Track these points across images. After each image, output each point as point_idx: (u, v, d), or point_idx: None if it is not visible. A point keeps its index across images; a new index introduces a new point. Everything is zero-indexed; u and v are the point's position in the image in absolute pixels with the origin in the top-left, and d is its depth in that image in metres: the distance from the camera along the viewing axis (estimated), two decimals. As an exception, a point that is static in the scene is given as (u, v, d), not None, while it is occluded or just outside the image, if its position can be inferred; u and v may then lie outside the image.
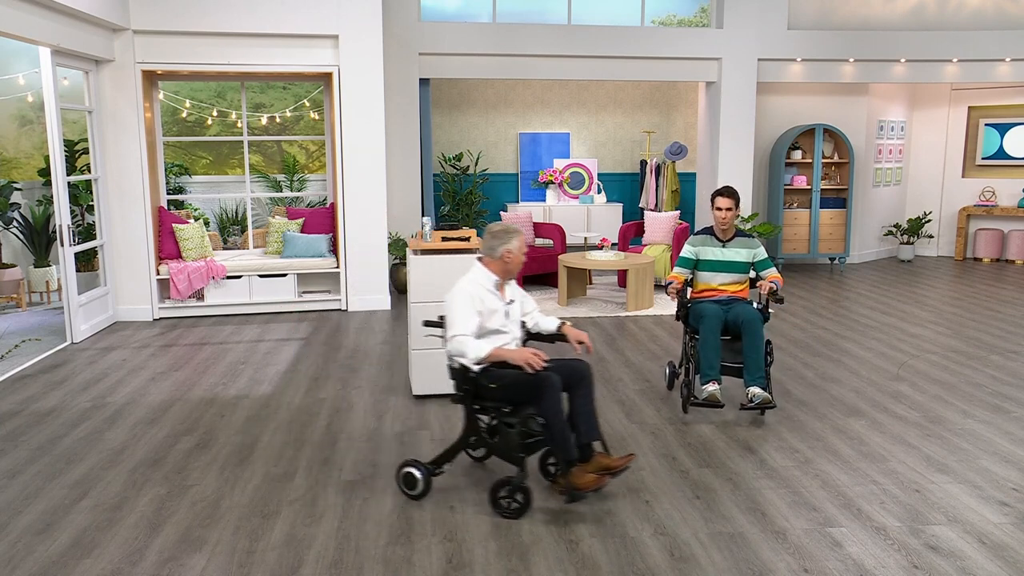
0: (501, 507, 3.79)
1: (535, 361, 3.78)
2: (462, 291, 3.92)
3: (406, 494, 3.99)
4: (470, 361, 3.84)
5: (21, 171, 10.02)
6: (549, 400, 3.75)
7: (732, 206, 5.29)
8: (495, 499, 3.81)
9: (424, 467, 3.98)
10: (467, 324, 3.87)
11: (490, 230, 4.01)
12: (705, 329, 5.09)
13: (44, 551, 3.50)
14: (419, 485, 3.96)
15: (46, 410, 5.37)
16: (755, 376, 5.00)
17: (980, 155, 11.94)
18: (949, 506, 3.91)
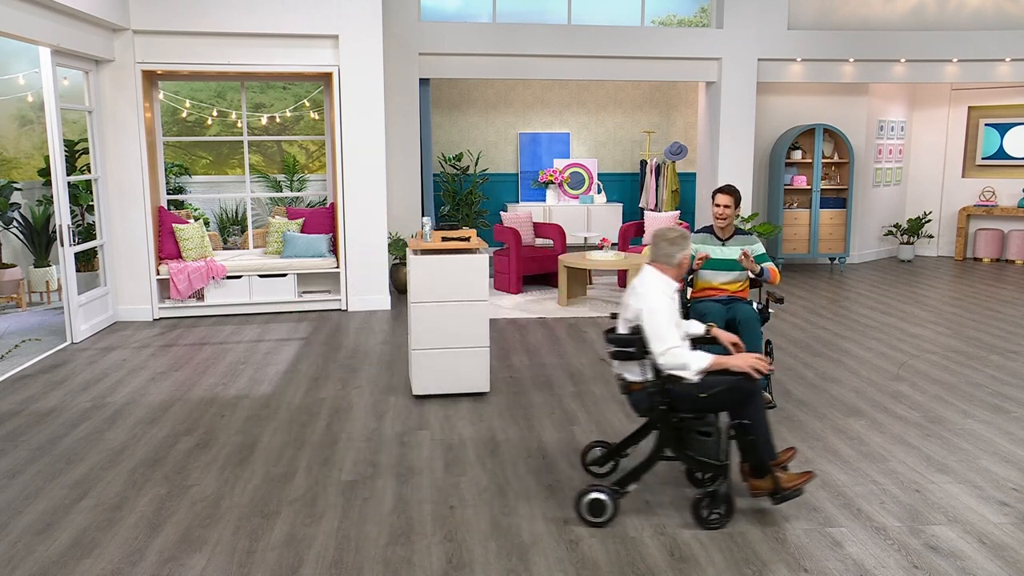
0: (706, 521, 3.68)
1: (761, 366, 3.66)
2: (662, 302, 3.70)
3: (588, 522, 3.69)
4: (692, 372, 3.62)
5: (21, 171, 10.02)
6: (757, 404, 3.70)
7: (731, 204, 5.29)
8: (699, 515, 3.69)
9: (610, 490, 3.71)
10: (676, 335, 3.69)
11: (665, 236, 3.83)
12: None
13: (44, 551, 3.50)
14: (607, 511, 3.69)
15: (46, 410, 5.37)
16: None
17: (980, 155, 11.94)
18: (949, 506, 3.91)
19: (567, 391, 5.74)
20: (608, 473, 4.21)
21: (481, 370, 5.57)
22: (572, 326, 7.77)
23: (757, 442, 3.71)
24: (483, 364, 5.57)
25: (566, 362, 6.50)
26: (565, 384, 5.91)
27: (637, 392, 3.79)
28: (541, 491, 4.08)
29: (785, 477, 3.74)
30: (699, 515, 3.70)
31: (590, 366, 6.38)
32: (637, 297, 3.74)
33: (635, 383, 3.80)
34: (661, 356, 3.63)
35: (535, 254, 9.60)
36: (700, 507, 3.69)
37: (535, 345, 7.04)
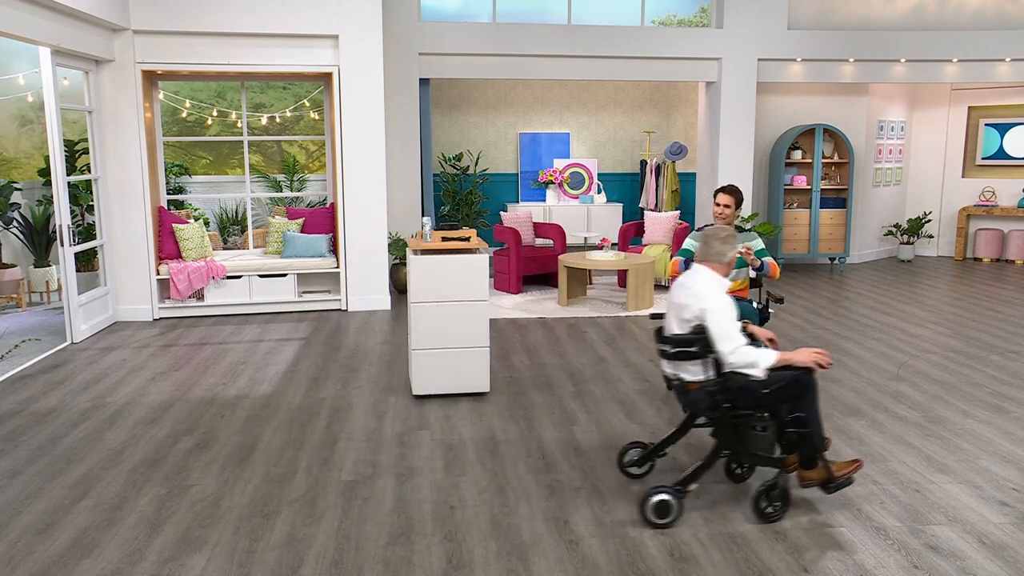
0: (767, 515, 3.74)
1: (824, 360, 3.72)
2: (724, 300, 3.72)
3: (653, 523, 3.68)
4: (761, 370, 3.65)
5: (21, 171, 10.02)
6: (813, 397, 3.77)
7: (731, 204, 5.29)
8: (759, 508, 3.74)
9: (674, 491, 3.71)
10: (740, 333, 3.71)
11: (716, 235, 3.86)
12: None
13: (44, 551, 3.50)
14: (673, 511, 3.69)
15: (46, 410, 5.37)
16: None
17: (980, 155, 11.94)
18: (949, 506, 3.91)
19: (567, 391, 5.74)
20: (645, 474, 4.22)
21: (481, 370, 5.57)
22: (572, 326, 7.77)
23: (812, 434, 3.76)
24: (483, 364, 5.57)
25: (566, 362, 6.50)
26: (565, 384, 5.91)
27: (695, 391, 3.78)
28: (541, 491, 4.08)
29: (836, 466, 3.81)
30: (759, 509, 3.75)
31: (590, 366, 6.38)
32: (698, 297, 3.73)
33: (693, 383, 3.79)
34: (731, 355, 3.64)
35: (535, 254, 9.60)
36: (760, 501, 3.74)
37: (535, 345, 7.04)
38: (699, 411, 3.86)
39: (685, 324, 3.77)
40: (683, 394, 3.87)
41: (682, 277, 3.93)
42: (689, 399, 3.85)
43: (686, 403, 3.91)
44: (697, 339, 3.70)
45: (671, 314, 3.91)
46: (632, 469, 4.22)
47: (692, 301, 3.74)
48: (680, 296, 3.83)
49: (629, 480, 4.20)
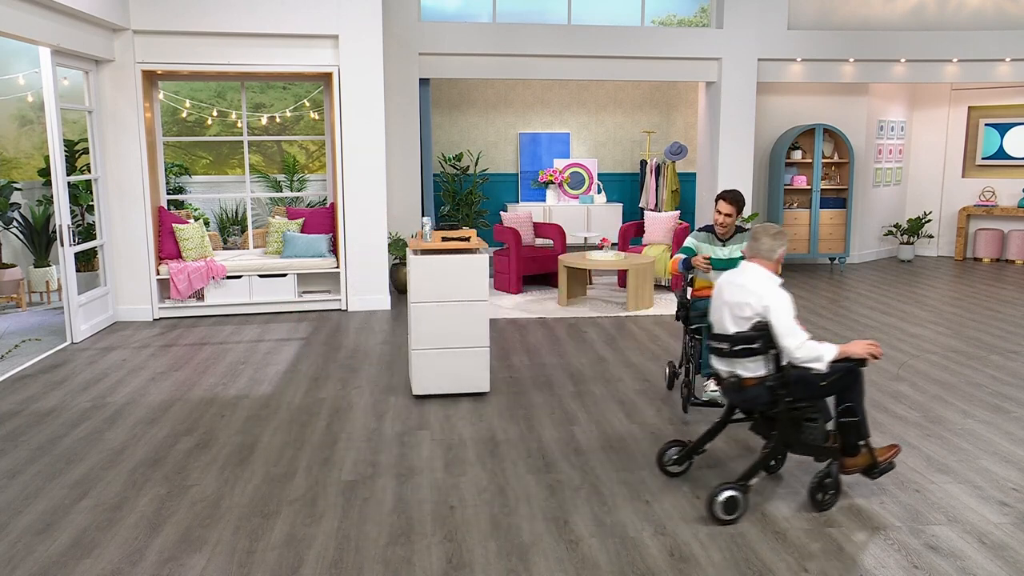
0: (823, 504, 3.85)
1: (877, 351, 3.81)
2: (785, 296, 3.78)
3: (721, 520, 3.71)
4: (825, 363, 3.71)
5: (21, 171, 10.02)
6: (861, 387, 3.87)
7: (732, 213, 5.29)
8: (815, 498, 3.84)
9: (739, 487, 3.75)
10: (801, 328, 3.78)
11: (766, 231, 3.91)
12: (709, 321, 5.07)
13: (44, 551, 3.50)
14: (740, 507, 3.74)
15: (46, 410, 5.37)
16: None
17: (980, 155, 11.94)
18: (949, 506, 3.91)
19: (567, 391, 5.74)
20: (684, 472, 4.24)
21: (481, 370, 5.57)
22: (572, 326, 7.77)
23: (860, 422, 3.86)
24: (483, 364, 5.57)
25: (566, 362, 6.50)
26: (565, 384, 5.91)
27: (753, 387, 3.83)
28: (541, 491, 4.08)
29: (878, 451, 3.92)
30: (815, 500, 3.85)
31: (590, 366, 6.38)
32: (758, 295, 3.78)
33: (751, 379, 3.83)
34: (798, 350, 3.70)
35: (535, 254, 9.60)
36: (816, 493, 3.85)
37: (535, 345, 7.04)
38: (757, 406, 3.90)
39: (744, 322, 3.81)
40: (738, 391, 3.90)
41: (732, 275, 3.97)
42: (746, 395, 3.89)
43: (741, 399, 3.94)
44: (759, 336, 3.74)
45: (724, 312, 3.93)
46: (672, 468, 4.25)
47: (751, 299, 3.78)
48: (736, 294, 3.86)
49: (625, 479, 4.20)
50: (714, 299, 4.04)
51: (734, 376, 3.89)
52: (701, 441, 4.19)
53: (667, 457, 4.25)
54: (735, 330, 3.84)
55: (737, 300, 3.84)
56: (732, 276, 3.96)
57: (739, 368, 3.86)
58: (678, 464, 4.24)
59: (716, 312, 4.00)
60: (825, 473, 3.85)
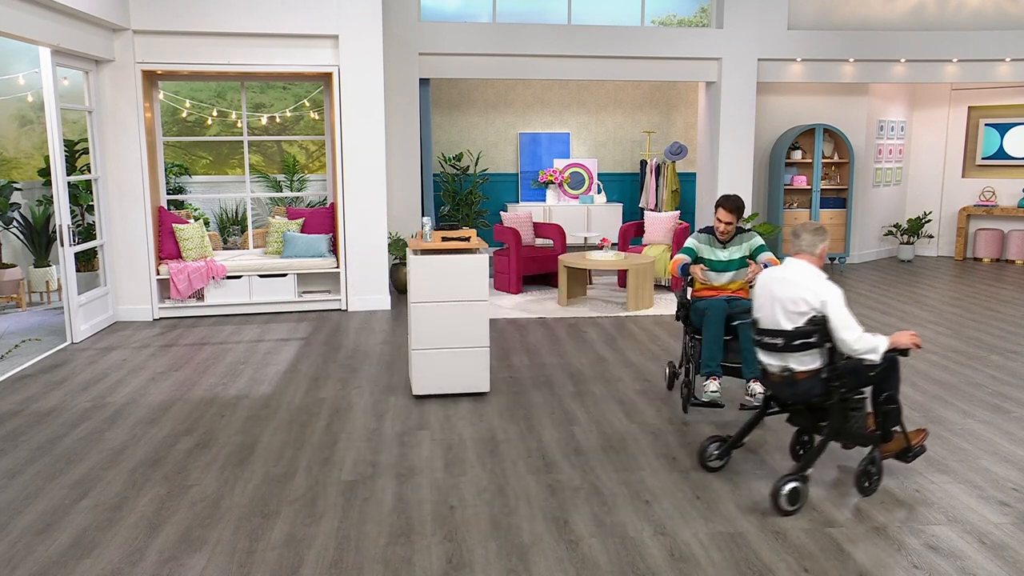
0: (868, 489, 4.01)
1: (919, 341, 4.00)
2: (838, 289, 3.91)
3: (784, 511, 3.79)
4: (879, 354, 3.86)
5: (21, 171, 10.02)
6: (899, 375, 4.07)
7: (733, 220, 5.29)
8: (861, 485, 4.00)
9: (801, 478, 3.85)
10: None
11: (806, 228, 4.01)
12: (709, 320, 5.06)
13: (44, 551, 3.50)
14: (803, 497, 3.84)
15: (46, 410, 5.37)
16: (754, 369, 4.96)
17: (980, 155, 11.94)
18: (949, 506, 3.91)
19: (567, 391, 5.74)
20: (723, 466, 4.31)
21: (481, 370, 5.57)
22: (572, 326, 7.77)
23: (899, 409, 4.05)
24: (483, 364, 5.57)
25: (566, 362, 6.50)
26: (565, 384, 5.91)
27: (805, 380, 3.92)
28: (541, 491, 4.08)
29: (910, 435, 4.11)
30: (862, 485, 4.00)
31: (590, 366, 6.38)
32: (812, 290, 3.86)
33: (804, 372, 3.92)
34: (856, 342, 3.83)
35: (535, 254, 9.60)
36: (863, 479, 4.00)
37: (535, 345, 7.04)
38: (811, 398, 3.97)
39: (798, 317, 3.88)
40: (791, 384, 3.96)
41: (778, 271, 4.04)
42: (798, 388, 3.95)
43: (793, 392, 4.00)
44: (816, 330, 3.83)
45: (775, 308, 3.97)
46: (713, 463, 4.32)
47: (806, 294, 3.87)
48: (787, 290, 3.93)
49: (626, 480, 4.20)
50: (760, 296, 4.09)
51: (787, 370, 3.96)
52: (739, 435, 4.31)
53: (708, 453, 4.32)
54: (790, 325, 3.91)
55: (790, 296, 3.91)
56: (778, 272, 4.03)
57: (792, 362, 3.94)
58: (719, 459, 4.32)
59: (764, 308, 4.05)
60: (869, 460, 4.00)
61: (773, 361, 4.02)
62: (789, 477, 3.83)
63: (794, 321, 3.89)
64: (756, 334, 4.08)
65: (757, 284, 4.15)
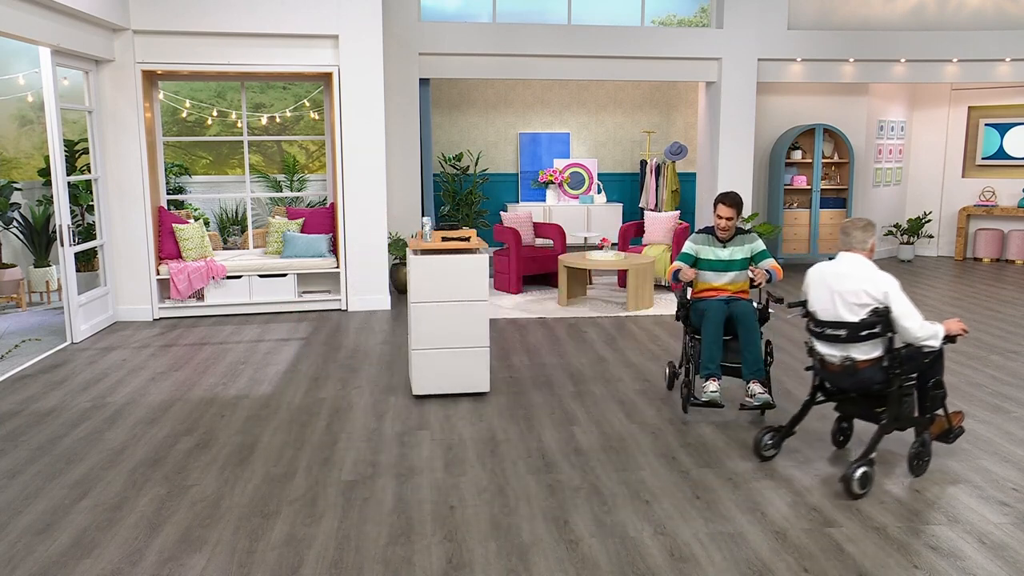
0: (920, 468, 4.24)
1: (967, 327, 4.25)
2: (896, 280, 4.07)
3: (856, 495, 3.97)
4: (940, 340, 4.06)
5: (21, 171, 10.02)
6: (943, 360, 4.26)
7: (733, 216, 5.25)
8: (913, 465, 4.23)
9: (868, 463, 4.02)
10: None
11: (855, 225, 4.18)
12: (707, 322, 5.06)
13: (44, 551, 3.50)
14: (871, 480, 4.05)
15: (46, 410, 5.37)
16: (753, 369, 4.99)
17: (980, 155, 11.94)
18: (949, 506, 3.91)
19: (567, 391, 5.74)
20: (775, 455, 4.47)
21: (481, 370, 5.57)
22: (572, 326, 7.77)
23: (944, 393, 4.26)
24: (483, 364, 5.57)
25: (566, 362, 6.50)
26: (565, 384, 5.91)
27: (867, 368, 4.08)
28: (541, 491, 4.08)
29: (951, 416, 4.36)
30: (914, 466, 4.23)
31: (590, 366, 6.38)
32: (874, 282, 4.01)
33: (865, 361, 4.08)
34: (920, 330, 4.02)
35: (535, 254, 9.60)
36: (915, 461, 4.23)
37: (535, 345, 7.04)
38: (871, 385, 4.12)
39: (860, 309, 4.04)
40: (852, 374, 4.11)
41: (833, 267, 4.17)
42: (860, 377, 4.11)
43: (855, 381, 4.15)
44: (880, 320, 3.99)
45: (835, 301, 4.11)
46: (768, 452, 4.47)
47: (867, 287, 4.02)
48: (846, 284, 4.08)
49: (626, 480, 4.20)
50: (816, 290, 4.22)
51: (849, 360, 4.09)
52: (791, 425, 4.47)
53: (764, 442, 4.44)
54: (853, 318, 4.05)
55: (851, 289, 4.06)
56: (832, 267, 4.17)
57: (854, 352, 4.08)
58: (774, 448, 4.48)
59: (823, 302, 4.18)
60: (920, 443, 4.22)
61: (834, 352, 4.15)
62: (859, 463, 3.98)
63: (856, 313, 4.04)
64: (815, 326, 4.21)
65: (810, 279, 4.28)
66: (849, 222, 4.22)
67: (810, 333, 4.27)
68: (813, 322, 4.23)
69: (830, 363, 4.18)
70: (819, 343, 4.22)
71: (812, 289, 4.26)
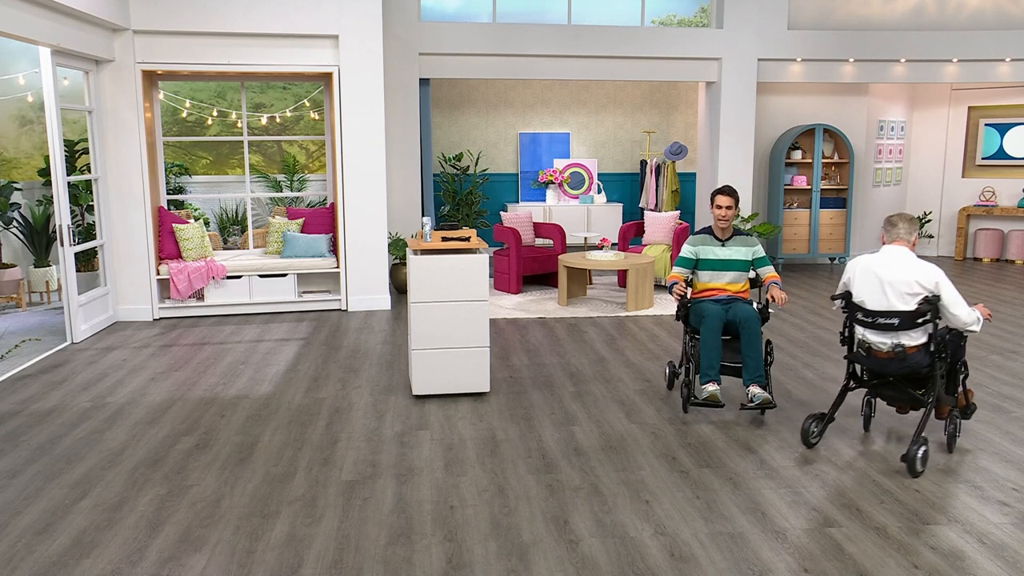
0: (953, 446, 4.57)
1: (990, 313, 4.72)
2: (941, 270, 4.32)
3: (918, 473, 4.24)
4: (980, 325, 4.31)
5: (21, 171, 10.02)
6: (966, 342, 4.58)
7: (732, 204, 5.28)
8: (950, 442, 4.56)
9: (924, 440, 4.29)
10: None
11: (903, 218, 4.43)
12: (706, 329, 5.07)
13: (44, 551, 3.50)
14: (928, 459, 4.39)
15: (46, 410, 5.37)
16: (754, 375, 5.00)
17: (980, 155, 11.94)
18: (949, 506, 3.91)
19: (567, 391, 5.74)
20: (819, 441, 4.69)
21: (481, 370, 5.57)
22: (572, 326, 7.78)
23: (968, 373, 4.59)
24: (483, 364, 5.57)
25: (566, 362, 6.50)
26: (565, 384, 5.91)
27: (915, 353, 4.33)
28: (541, 491, 4.08)
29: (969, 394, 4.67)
30: (951, 444, 4.57)
31: (590, 366, 6.38)
32: (925, 272, 4.25)
33: (914, 346, 4.33)
34: (967, 315, 4.27)
35: (535, 254, 9.60)
36: (952, 439, 4.55)
37: (535, 345, 7.04)
38: (920, 368, 4.37)
39: (911, 298, 4.27)
40: (903, 359, 4.33)
41: (879, 259, 4.38)
42: (909, 361, 4.35)
43: (904, 365, 4.36)
44: (930, 308, 4.25)
45: (886, 291, 4.31)
46: (814, 439, 4.67)
47: (919, 277, 4.25)
48: (897, 275, 4.29)
49: (626, 480, 4.20)
50: (864, 282, 4.40)
51: (899, 346, 4.31)
52: (832, 411, 4.69)
53: (810, 431, 4.62)
54: (904, 307, 4.27)
55: (903, 279, 4.27)
56: (879, 259, 4.38)
57: (904, 339, 4.33)
58: (819, 436, 4.68)
59: (873, 293, 4.36)
60: (952, 421, 4.53)
61: (884, 339, 4.38)
62: (918, 442, 4.23)
63: (907, 302, 4.26)
64: (864, 316, 4.39)
65: (855, 272, 4.47)
66: (897, 216, 4.44)
67: (858, 323, 4.43)
68: (862, 312, 4.39)
69: (878, 350, 4.40)
70: (869, 332, 4.41)
71: (858, 281, 4.42)
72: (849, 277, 4.50)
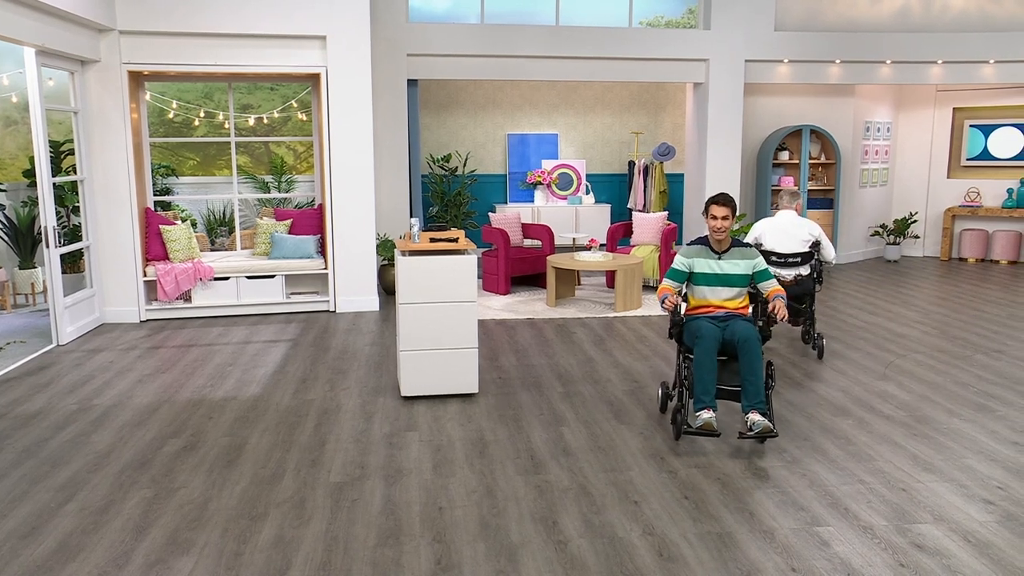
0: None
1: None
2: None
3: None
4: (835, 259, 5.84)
5: (6, 172, 9.95)
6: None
7: (728, 215, 4.79)
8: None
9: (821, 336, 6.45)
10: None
11: (787, 192, 6.50)
12: (700, 351, 4.63)
13: (29, 555, 3.48)
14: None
15: (31, 413, 5.33)
16: (753, 401, 4.56)
17: (965, 156, 12.03)
18: (935, 505, 3.94)
19: (556, 392, 5.75)
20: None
21: (470, 371, 5.57)
22: (560, 327, 7.78)
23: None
24: (471, 365, 5.57)
25: (554, 363, 6.51)
26: (553, 385, 5.91)
27: (805, 279, 6.48)
28: (530, 492, 4.09)
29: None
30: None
31: (578, 367, 6.39)
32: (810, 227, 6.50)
33: (805, 275, 6.59)
34: (832, 254, 6.78)
35: (523, 255, 9.61)
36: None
37: (523, 346, 7.05)
38: (809, 289, 6.62)
39: (804, 243, 6.60)
40: (800, 283, 6.53)
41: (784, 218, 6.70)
42: (803, 285, 6.51)
43: (800, 289, 6.57)
44: (816, 249, 6.62)
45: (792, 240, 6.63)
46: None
47: (811, 229, 6.58)
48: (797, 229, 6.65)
49: (614, 480, 4.21)
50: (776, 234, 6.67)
51: (799, 276, 6.60)
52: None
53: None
54: (801, 249, 6.59)
55: (800, 232, 6.65)
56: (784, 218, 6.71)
57: (802, 270, 6.68)
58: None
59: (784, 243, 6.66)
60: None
61: (790, 272, 6.57)
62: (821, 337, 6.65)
63: (804, 247, 6.57)
64: (778, 258, 6.56)
65: (770, 229, 6.70)
66: (785, 191, 6.75)
67: (771, 264, 6.47)
68: (775, 255, 6.56)
69: (784, 279, 6.50)
70: (781, 269, 6.55)
71: (769, 235, 6.64)
72: (759, 234, 6.68)
